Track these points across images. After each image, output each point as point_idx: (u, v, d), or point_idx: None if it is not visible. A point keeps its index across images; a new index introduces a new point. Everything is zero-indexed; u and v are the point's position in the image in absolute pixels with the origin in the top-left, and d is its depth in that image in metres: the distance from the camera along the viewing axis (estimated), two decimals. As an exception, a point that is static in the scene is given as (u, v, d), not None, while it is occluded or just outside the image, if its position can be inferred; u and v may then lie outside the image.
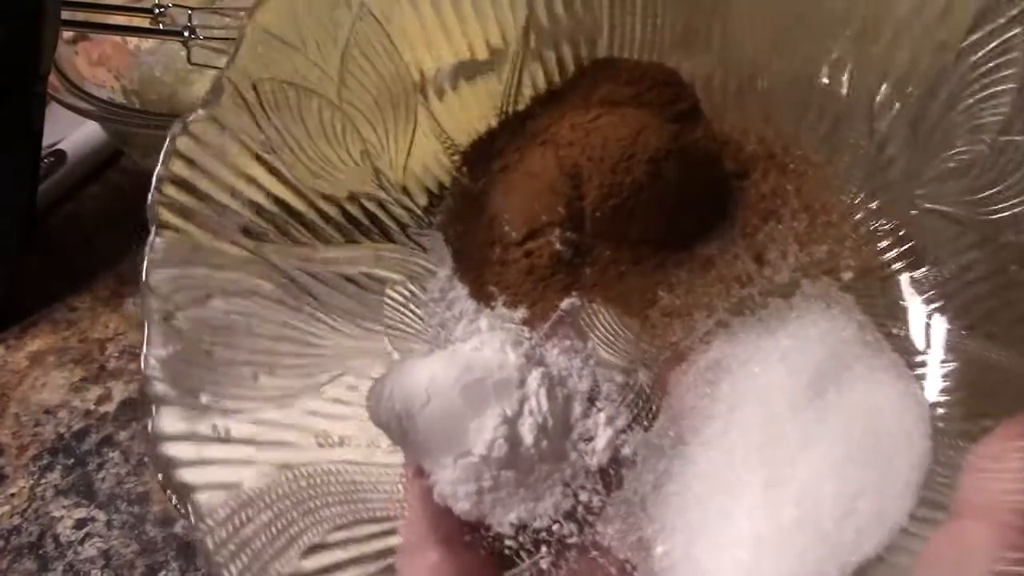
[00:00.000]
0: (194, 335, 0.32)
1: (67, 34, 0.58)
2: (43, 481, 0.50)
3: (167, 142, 0.32)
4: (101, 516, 0.48)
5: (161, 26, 0.57)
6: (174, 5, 0.56)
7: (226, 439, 0.31)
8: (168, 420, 0.29)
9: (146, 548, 0.46)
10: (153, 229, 0.32)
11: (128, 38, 0.61)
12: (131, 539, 0.47)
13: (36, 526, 0.48)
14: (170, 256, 0.32)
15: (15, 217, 0.55)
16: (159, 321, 0.31)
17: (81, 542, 0.47)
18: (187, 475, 0.28)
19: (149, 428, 0.29)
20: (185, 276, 0.32)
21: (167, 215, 0.32)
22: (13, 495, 0.49)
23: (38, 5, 0.47)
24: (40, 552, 0.47)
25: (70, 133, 0.64)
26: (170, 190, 0.32)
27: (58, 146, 0.63)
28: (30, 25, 0.48)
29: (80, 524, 0.48)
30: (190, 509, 0.28)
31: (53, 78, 0.54)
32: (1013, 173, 0.33)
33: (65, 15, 0.53)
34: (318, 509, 0.31)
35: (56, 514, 0.48)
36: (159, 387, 0.30)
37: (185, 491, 0.28)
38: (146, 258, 0.31)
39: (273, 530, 0.29)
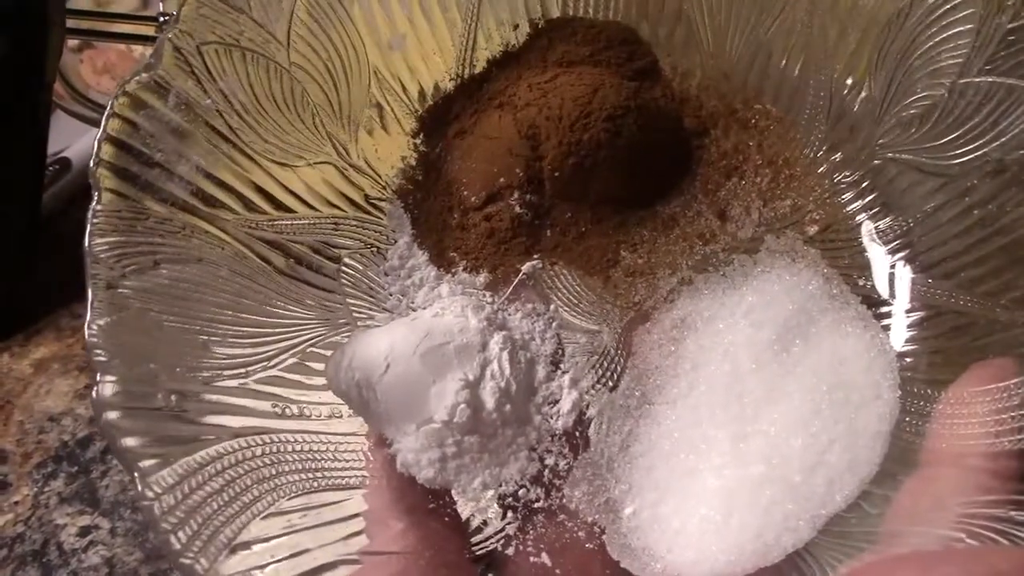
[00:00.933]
0: (141, 303, 0.31)
1: (72, 42, 0.58)
2: (47, 489, 0.49)
3: (108, 105, 0.31)
4: (105, 524, 0.47)
5: (166, 34, 0.57)
6: (178, 13, 0.56)
7: (175, 407, 0.30)
8: (112, 387, 0.28)
9: (150, 556, 0.45)
10: (95, 194, 0.31)
11: (133, 46, 0.61)
12: (135, 547, 0.46)
13: (40, 534, 0.47)
14: (114, 222, 0.31)
15: (20, 224, 0.54)
16: (103, 288, 0.30)
17: (85, 550, 0.46)
18: (131, 442, 0.28)
19: (94, 395, 0.28)
20: (131, 243, 0.32)
21: (109, 178, 0.31)
22: (17, 503, 0.49)
23: (43, 13, 0.47)
24: (44, 560, 0.46)
25: (75, 141, 0.63)
26: (111, 153, 0.31)
27: (63, 154, 0.62)
28: (35, 33, 0.48)
29: (84, 532, 0.47)
30: (136, 475, 0.27)
31: (58, 86, 0.54)
32: (972, 117, 0.32)
33: (70, 23, 0.52)
34: (274, 477, 0.30)
35: (60, 522, 0.47)
36: (101, 355, 0.29)
37: (131, 457, 0.27)
38: (88, 224, 0.30)
39: (224, 497, 0.29)
